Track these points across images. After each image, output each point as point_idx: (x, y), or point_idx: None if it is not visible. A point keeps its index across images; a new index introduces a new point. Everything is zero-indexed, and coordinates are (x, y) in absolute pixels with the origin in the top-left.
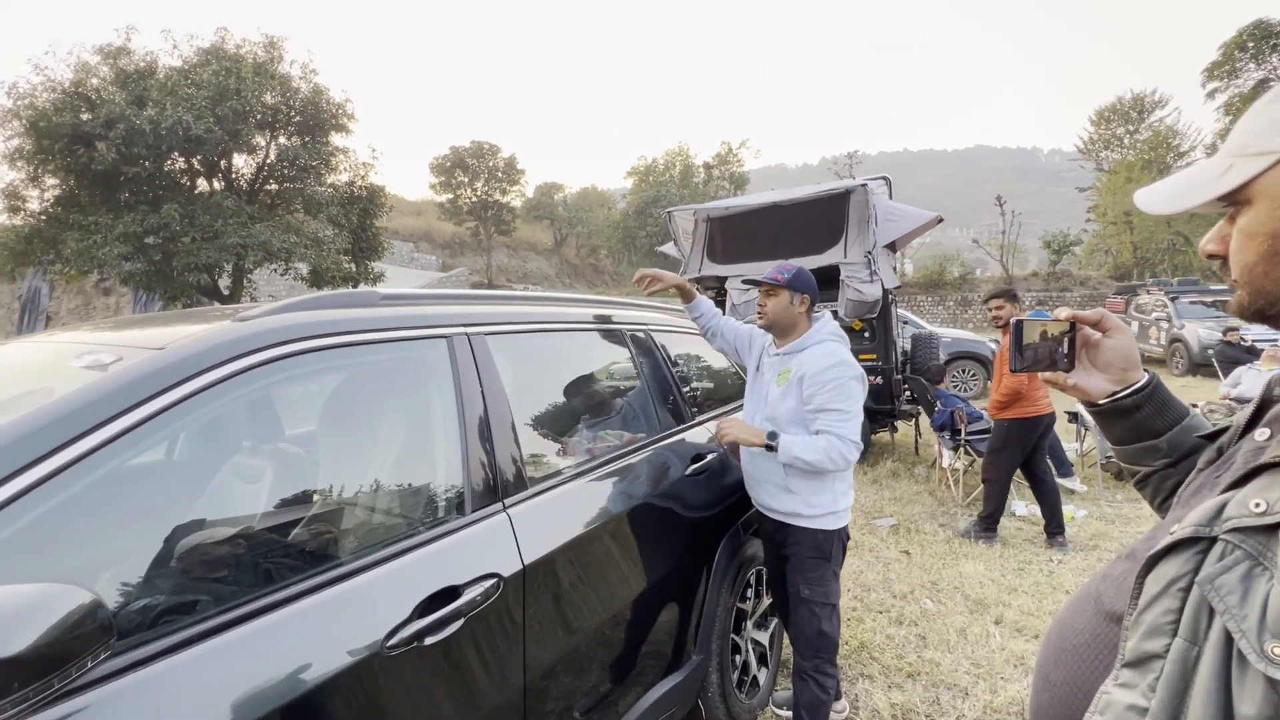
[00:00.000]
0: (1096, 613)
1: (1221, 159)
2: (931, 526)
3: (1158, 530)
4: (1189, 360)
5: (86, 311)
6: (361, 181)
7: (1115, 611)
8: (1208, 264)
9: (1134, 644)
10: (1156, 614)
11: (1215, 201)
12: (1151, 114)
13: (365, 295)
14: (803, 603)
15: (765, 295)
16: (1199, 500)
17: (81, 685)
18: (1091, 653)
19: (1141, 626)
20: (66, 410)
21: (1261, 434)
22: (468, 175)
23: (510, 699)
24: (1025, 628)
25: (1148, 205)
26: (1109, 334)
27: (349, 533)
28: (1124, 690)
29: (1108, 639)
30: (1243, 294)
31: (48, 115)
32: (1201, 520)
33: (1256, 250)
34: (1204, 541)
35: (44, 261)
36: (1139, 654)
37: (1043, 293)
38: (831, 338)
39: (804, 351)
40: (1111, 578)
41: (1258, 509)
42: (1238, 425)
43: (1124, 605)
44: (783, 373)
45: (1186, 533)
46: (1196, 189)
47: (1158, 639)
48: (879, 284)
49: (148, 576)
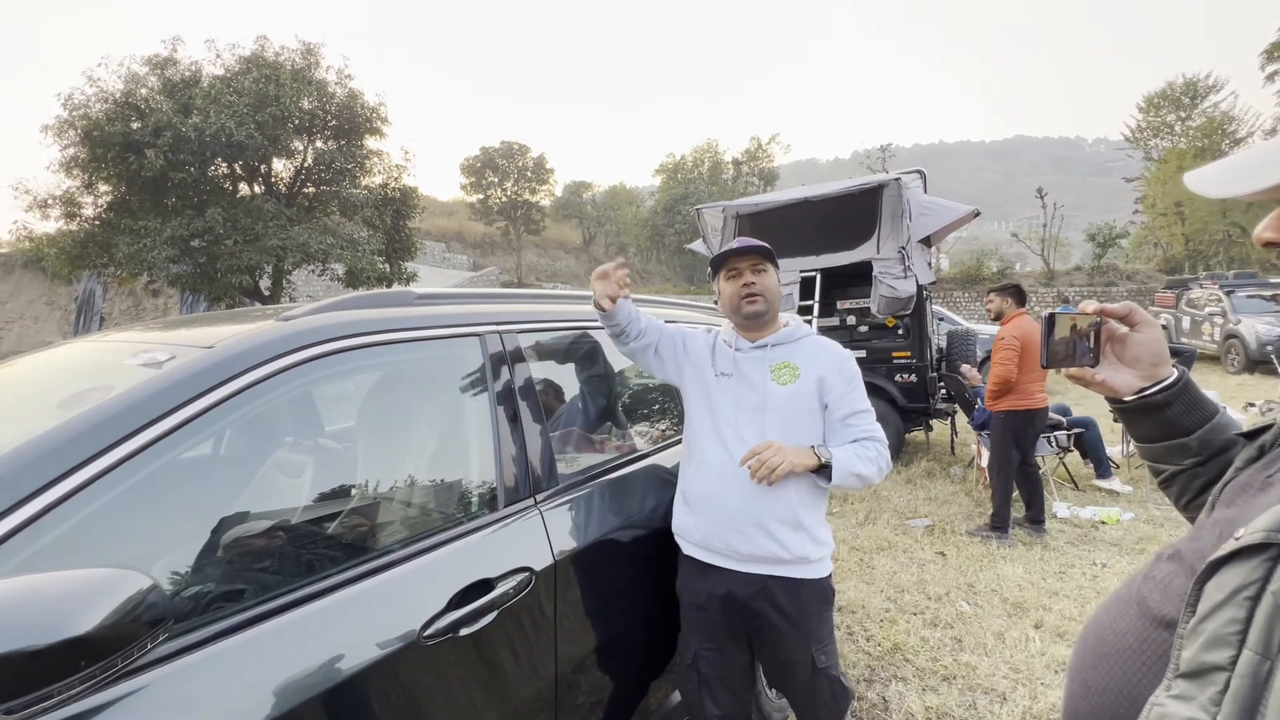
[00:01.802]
0: (1141, 616)
1: None
2: (968, 527)
3: (1201, 531)
4: (1246, 357)
5: (137, 312)
6: (395, 183)
7: (1164, 616)
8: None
9: (1192, 654)
10: (1219, 623)
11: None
12: (1205, 99)
13: (401, 295)
14: (820, 674)
15: (753, 273)
16: (1245, 500)
17: (141, 666)
18: (1137, 659)
19: (1201, 635)
20: (126, 405)
21: None
22: (498, 175)
23: (542, 691)
24: (1067, 633)
25: (1203, 188)
26: (1137, 328)
27: (386, 526)
28: (1180, 703)
29: (1155, 645)
30: None
31: (101, 125)
32: (1274, 525)
33: None
34: (1275, 548)
35: (98, 264)
36: (1198, 665)
37: (1086, 287)
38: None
39: (798, 343)
40: (1155, 579)
41: None
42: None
43: (1173, 610)
44: (782, 367)
45: (1257, 538)
46: (1266, 169)
47: (1221, 650)
48: (913, 280)
49: (198, 565)
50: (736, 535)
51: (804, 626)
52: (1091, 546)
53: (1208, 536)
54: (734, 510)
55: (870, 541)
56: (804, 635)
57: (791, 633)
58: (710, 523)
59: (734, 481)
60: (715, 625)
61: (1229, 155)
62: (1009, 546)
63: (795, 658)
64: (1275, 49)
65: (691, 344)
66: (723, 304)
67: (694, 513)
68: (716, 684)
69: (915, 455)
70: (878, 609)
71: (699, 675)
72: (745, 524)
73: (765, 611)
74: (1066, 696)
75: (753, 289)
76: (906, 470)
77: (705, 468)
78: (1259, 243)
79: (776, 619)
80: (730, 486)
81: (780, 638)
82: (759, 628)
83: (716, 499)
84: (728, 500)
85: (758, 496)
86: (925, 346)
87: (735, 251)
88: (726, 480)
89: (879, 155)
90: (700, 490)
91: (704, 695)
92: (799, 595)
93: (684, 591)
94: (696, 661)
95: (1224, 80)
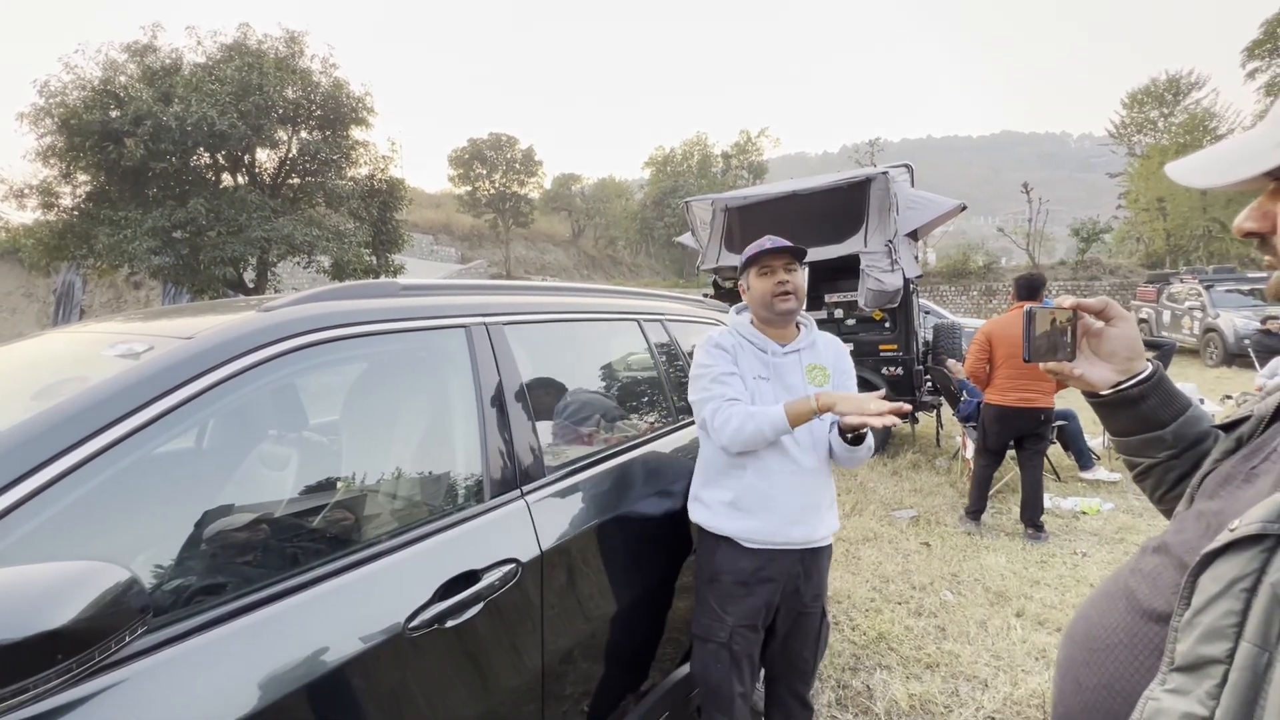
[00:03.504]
0: (1130, 610)
1: (1272, 127)
2: (952, 519)
3: (1185, 523)
4: (1224, 350)
5: (118, 304)
6: (381, 175)
7: (1155, 610)
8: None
9: (1187, 647)
10: (1215, 616)
11: (1262, 175)
12: (1187, 96)
13: (385, 286)
14: (824, 621)
15: (787, 271)
16: (1229, 492)
17: (119, 660)
18: (1128, 654)
19: (1196, 629)
20: (102, 397)
21: None
22: (486, 167)
23: (528, 682)
24: (1048, 621)
25: (1183, 178)
26: (1112, 322)
27: (371, 518)
28: (1176, 697)
29: (1147, 639)
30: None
31: (78, 113)
32: (1269, 516)
33: None
34: (1271, 539)
35: (77, 256)
36: (1194, 658)
37: (1070, 282)
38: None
39: (815, 345)
40: (1142, 573)
41: None
42: (1262, 414)
43: (1164, 603)
44: (814, 369)
45: (1253, 529)
46: (1246, 161)
47: (1217, 643)
48: (900, 273)
49: (179, 558)
50: (796, 528)
51: (820, 584)
52: (1072, 536)
53: (1192, 529)
54: (795, 507)
55: (856, 532)
56: (818, 591)
57: (810, 591)
58: (772, 524)
59: (794, 481)
60: (760, 601)
61: (1210, 146)
62: (991, 536)
63: (810, 610)
64: (1256, 47)
65: (741, 365)
66: (752, 299)
67: (753, 517)
68: (745, 661)
69: (901, 447)
70: (863, 599)
71: (731, 654)
72: (804, 515)
73: (799, 581)
74: (1057, 694)
75: (786, 287)
76: (892, 462)
77: (765, 472)
78: (1239, 233)
79: (805, 586)
80: (791, 486)
81: (803, 599)
82: (790, 591)
83: (778, 500)
84: (789, 500)
85: (812, 489)
86: (911, 340)
87: (769, 251)
88: (788, 482)
89: (867, 149)
90: (760, 495)
91: (733, 674)
92: (819, 560)
93: (724, 571)
94: (732, 639)
95: (1206, 77)
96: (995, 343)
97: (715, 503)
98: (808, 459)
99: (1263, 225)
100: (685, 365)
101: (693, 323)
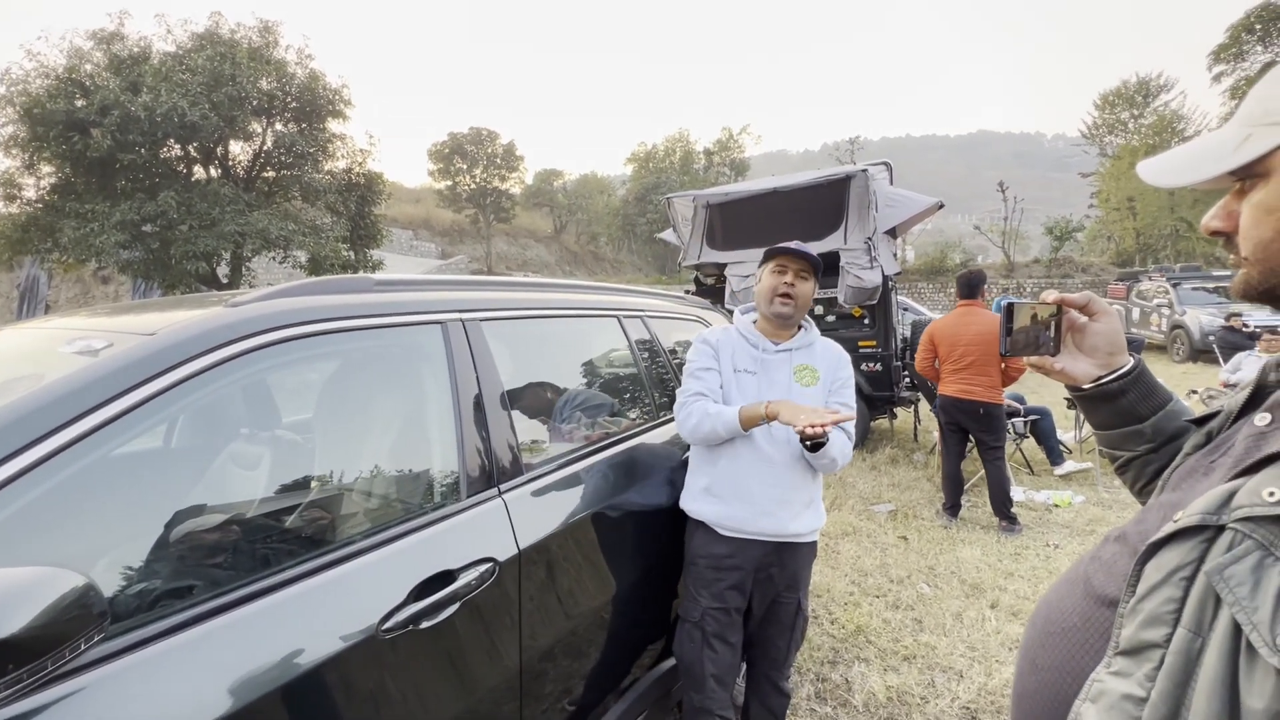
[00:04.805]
0: (1086, 596)
1: (1236, 128)
2: (929, 512)
3: (1147, 514)
4: (1190, 346)
5: (85, 300)
6: (359, 168)
7: (1107, 595)
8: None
9: (1130, 632)
10: (1157, 603)
11: (1227, 175)
12: (1157, 98)
13: (359, 281)
14: (799, 613)
15: (797, 277)
16: (1190, 484)
17: (76, 668)
18: (1080, 636)
19: (1140, 615)
20: (56, 396)
21: (1262, 419)
22: (466, 162)
23: (506, 681)
24: (1020, 611)
25: (1153, 177)
26: (1095, 318)
27: (345, 518)
28: (1118, 679)
29: (1098, 623)
30: (1252, 272)
31: (41, 102)
32: (1208, 508)
33: (1275, 226)
34: (1210, 530)
35: (41, 250)
36: (1136, 642)
37: (1044, 279)
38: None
39: (813, 346)
40: (1100, 560)
41: (1271, 498)
42: (1230, 410)
43: (1116, 589)
44: (803, 370)
45: (1192, 520)
46: (1209, 161)
47: (1157, 628)
48: (879, 270)
49: (143, 561)
50: (767, 519)
51: (798, 579)
52: (1045, 529)
53: (1152, 519)
54: (766, 499)
55: (836, 527)
56: (792, 581)
57: (784, 579)
58: (742, 511)
59: (765, 472)
60: (727, 585)
61: (1179, 146)
62: (967, 530)
63: (785, 600)
64: (1222, 51)
65: (722, 360)
66: (759, 292)
67: (725, 503)
68: (716, 641)
69: (880, 442)
70: (842, 592)
71: (703, 633)
72: (775, 508)
73: (772, 569)
74: (1016, 675)
75: (789, 291)
76: (871, 457)
77: (736, 460)
78: (1206, 231)
79: (779, 575)
80: (763, 479)
81: (777, 587)
82: (763, 579)
83: (750, 490)
84: (761, 491)
85: (785, 484)
86: (890, 336)
87: (791, 251)
88: (759, 471)
89: (848, 147)
90: (731, 484)
91: (705, 653)
92: (797, 556)
93: (700, 555)
94: (703, 619)
95: (1174, 80)
96: (937, 341)
97: (694, 488)
98: (779, 454)
99: (1227, 224)
100: (666, 362)
101: (674, 319)
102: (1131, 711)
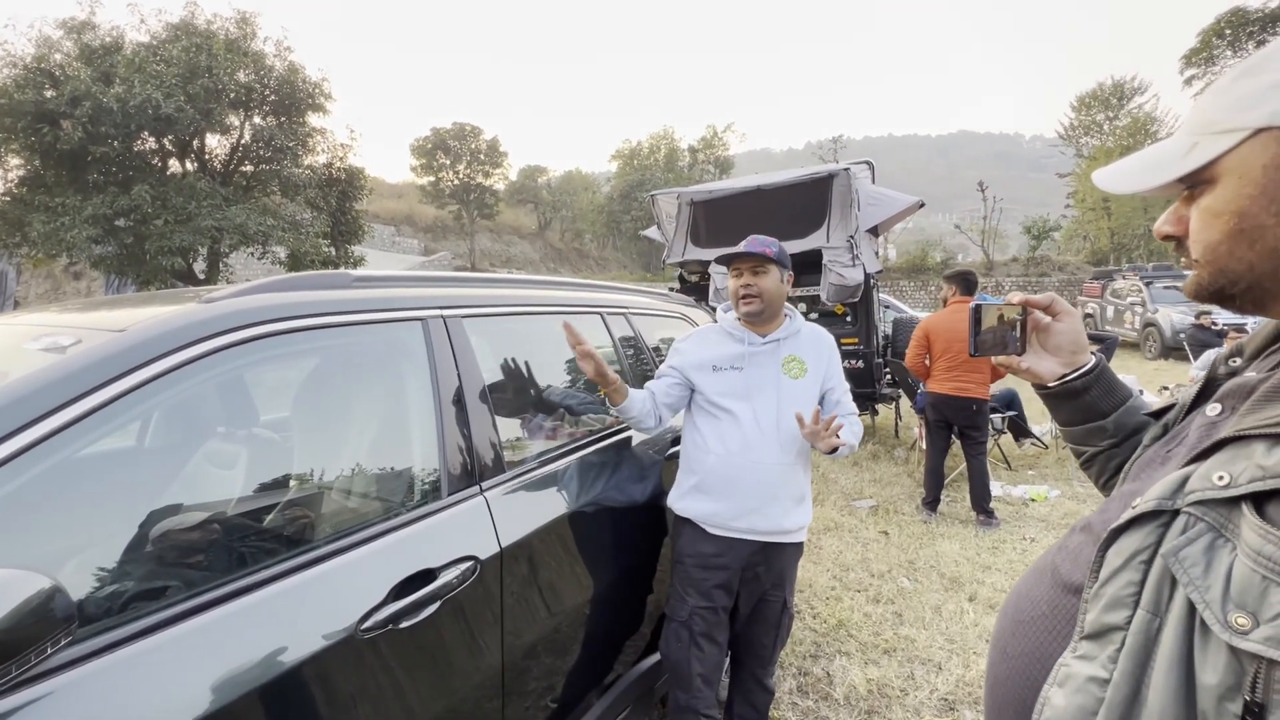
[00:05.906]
0: (1054, 584)
1: (1184, 137)
2: (910, 508)
3: (1111, 504)
4: (1162, 344)
5: (56, 296)
6: (340, 163)
7: (1073, 583)
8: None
9: (1094, 616)
10: (1118, 586)
11: (1176, 182)
12: (1131, 100)
13: (337, 277)
14: (784, 610)
15: (753, 275)
16: (1148, 474)
17: (42, 672)
18: (1049, 624)
19: (1102, 599)
20: (20, 394)
21: (1213, 409)
22: (449, 157)
23: (488, 680)
24: (998, 604)
25: (1107, 184)
26: (1059, 318)
27: (324, 517)
28: (1083, 662)
29: (1065, 610)
30: (1203, 274)
31: (9, 92)
32: (1164, 494)
33: (1222, 229)
34: (1166, 515)
35: (10, 244)
36: (1099, 626)
37: (1022, 278)
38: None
39: (799, 335)
40: (1068, 549)
41: (1221, 481)
42: (1184, 402)
43: (1082, 577)
44: (791, 361)
45: (1149, 506)
46: (1159, 168)
47: (1119, 611)
48: (861, 268)
49: (115, 563)
50: (757, 515)
51: (784, 577)
52: (1022, 523)
53: (1114, 509)
54: (756, 493)
55: (818, 522)
56: (779, 580)
57: (770, 578)
58: (733, 507)
59: (755, 468)
60: (714, 584)
61: (1132, 154)
62: (946, 524)
63: (771, 599)
64: (1193, 55)
65: (690, 357)
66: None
67: (715, 500)
68: (704, 640)
69: (861, 439)
70: (824, 587)
71: (690, 632)
72: (766, 503)
73: (759, 568)
74: (988, 663)
75: (750, 290)
76: (853, 454)
77: (726, 456)
78: (1159, 236)
79: (765, 574)
80: (752, 472)
81: (763, 586)
82: (750, 578)
83: (739, 484)
84: (749, 485)
85: (776, 479)
86: (872, 334)
87: (737, 255)
88: (749, 467)
89: (831, 146)
90: (722, 478)
91: (692, 652)
92: (784, 556)
93: (687, 553)
94: (691, 619)
95: (1148, 83)
96: (933, 337)
97: (684, 485)
98: (770, 450)
99: (1178, 229)
100: (649, 359)
101: (658, 316)
102: (1096, 693)
